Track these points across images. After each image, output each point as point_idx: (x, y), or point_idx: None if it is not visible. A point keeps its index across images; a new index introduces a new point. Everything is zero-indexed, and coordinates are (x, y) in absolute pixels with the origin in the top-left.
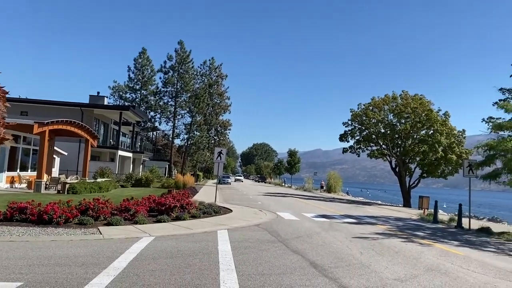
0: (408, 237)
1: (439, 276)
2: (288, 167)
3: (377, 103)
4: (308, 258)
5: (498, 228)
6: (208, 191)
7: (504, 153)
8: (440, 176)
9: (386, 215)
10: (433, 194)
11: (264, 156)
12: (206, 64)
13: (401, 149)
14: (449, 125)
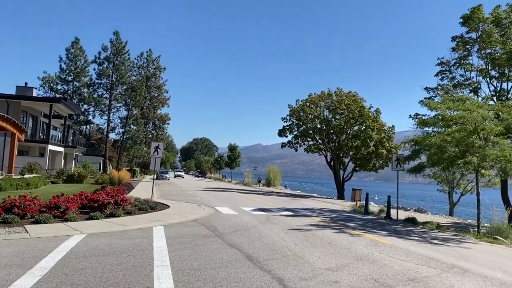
0: (340, 228)
1: (368, 265)
2: (229, 161)
3: (314, 100)
4: (244, 252)
5: (422, 218)
6: (145, 187)
7: (428, 148)
8: (371, 170)
9: (321, 207)
10: (365, 186)
11: (205, 151)
12: (144, 56)
13: (336, 144)
14: (380, 121)
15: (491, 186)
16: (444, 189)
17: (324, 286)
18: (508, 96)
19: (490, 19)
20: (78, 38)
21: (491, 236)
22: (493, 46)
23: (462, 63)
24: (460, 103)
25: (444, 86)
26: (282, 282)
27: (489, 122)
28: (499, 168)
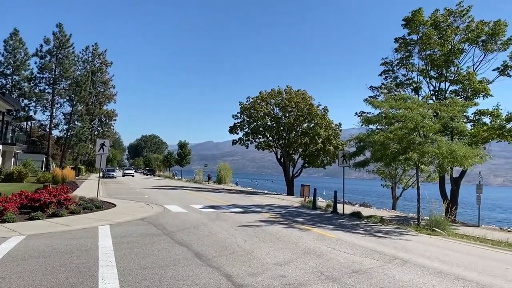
0: (289, 224)
1: (315, 258)
2: (179, 159)
3: (264, 97)
4: (193, 249)
5: (367, 212)
6: (91, 186)
7: (372, 145)
8: (320, 166)
9: (271, 203)
10: (314, 182)
11: (154, 148)
12: (89, 50)
13: (286, 141)
14: (328, 119)
15: (431, 181)
16: (387, 184)
17: (272, 280)
18: (446, 96)
19: (429, 22)
20: (17, 29)
21: (430, 228)
22: (432, 48)
23: (404, 64)
24: (401, 102)
25: (387, 85)
26: (231, 278)
27: (428, 120)
28: (437, 164)
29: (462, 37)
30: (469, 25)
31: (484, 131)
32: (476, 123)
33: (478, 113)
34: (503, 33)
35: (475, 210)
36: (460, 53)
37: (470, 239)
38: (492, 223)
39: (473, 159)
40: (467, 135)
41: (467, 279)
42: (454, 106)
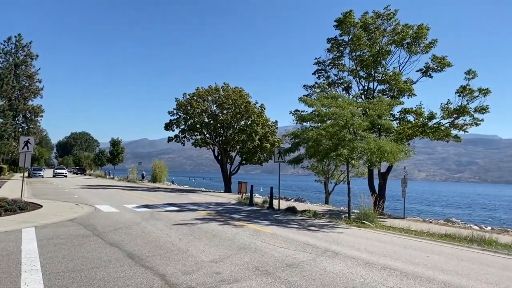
0: (225, 220)
1: (250, 254)
2: (111, 157)
3: (201, 94)
4: (125, 250)
5: (302, 207)
6: (14, 186)
7: (306, 141)
8: (257, 163)
9: (208, 201)
10: (251, 179)
11: (84, 146)
12: (12, 41)
13: (223, 138)
14: (265, 117)
15: (361, 176)
16: (321, 179)
17: (207, 278)
18: (374, 95)
19: (359, 24)
20: None
21: (360, 221)
22: (362, 49)
23: (336, 63)
24: (333, 100)
25: (320, 84)
26: (164, 277)
27: (357, 118)
28: (366, 159)
29: (389, 39)
30: (396, 28)
31: (409, 128)
32: (401, 121)
33: (403, 112)
34: (426, 37)
35: (402, 203)
36: (387, 55)
37: (396, 230)
38: (416, 215)
39: (399, 155)
40: (394, 132)
41: (392, 268)
42: (381, 105)
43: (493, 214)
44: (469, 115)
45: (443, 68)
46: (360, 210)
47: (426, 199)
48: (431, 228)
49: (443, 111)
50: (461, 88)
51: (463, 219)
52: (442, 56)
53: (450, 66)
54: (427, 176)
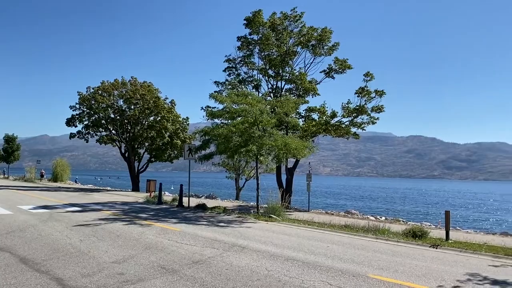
0: (131, 220)
1: (156, 253)
2: (4, 155)
3: (107, 88)
4: (18, 254)
5: (212, 204)
6: None
7: (217, 138)
8: (167, 160)
9: (113, 200)
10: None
11: None
12: None
13: (131, 134)
14: (175, 113)
15: (270, 172)
16: (232, 176)
17: (109, 279)
18: (282, 93)
19: (268, 24)
20: None
21: (267, 215)
22: (271, 49)
23: (246, 62)
24: (243, 97)
25: (231, 81)
26: (62, 281)
27: (266, 115)
28: (274, 155)
29: (296, 40)
30: (302, 29)
31: (313, 126)
32: (306, 118)
33: (308, 110)
34: (329, 40)
35: (307, 197)
36: (294, 55)
37: (301, 223)
38: (320, 208)
39: (304, 151)
40: (300, 130)
41: (295, 259)
42: (288, 103)
43: (390, 206)
44: (366, 114)
45: (344, 70)
46: (268, 205)
47: (331, 192)
48: (332, 219)
49: (344, 110)
50: (360, 89)
51: (362, 211)
52: (344, 59)
53: (350, 68)
54: (331, 171)
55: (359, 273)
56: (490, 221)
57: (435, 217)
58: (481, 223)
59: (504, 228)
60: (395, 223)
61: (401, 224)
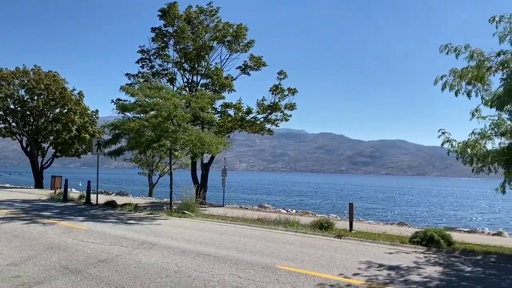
0: (32, 219)
1: (59, 253)
2: None
3: (6, 76)
4: None
5: (122, 201)
6: None
7: (128, 132)
8: (74, 155)
9: (12, 198)
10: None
11: None
12: None
13: (33, 127)
14: (83, 105)
15: (185, 167)
16: (145, 171)
17: (2, 283)
18: (198, 88)
19: (183, 17)
20: None
21: (181, 211)
22: (186, 42)
23: (160, 54)
24: (156, 91)
25: (144, 74)
26: None
27: (180, 110)
28: (188, 150)
29: (212, 35)
30: (217, 24)
31: (229, 121)
32: (222, 114)
33: (224, 106)
34: (244, 37)
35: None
36: (210, 50)
37: (214, 218)
38: (235, 202)
39: (219, 146)
40: (215, 125)
41: (206, 254)
42: (203, 98)
43: (301, 199)
44: (280, 111)
45: (259, 67)
46: (182, 201)
47: (247, 187)
48: (246, 214)
49: (259, 107)
50: (274, 87)
51: (275, 204)
52: (259, 56)
53: (265, 66)
54: (247, 167)
55: (268, 265)
56: (390, 213)
57: (342, 210)
58: (384, 214)
59: (402, 219)
60: (304, 216)
61: (310, 217)
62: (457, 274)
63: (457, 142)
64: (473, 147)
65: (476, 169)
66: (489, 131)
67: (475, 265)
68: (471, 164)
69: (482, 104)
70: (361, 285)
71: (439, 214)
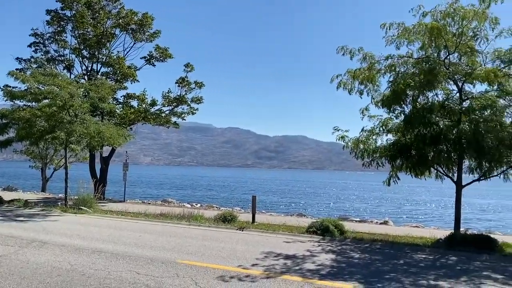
0: None
1: None
2: None
3: None
4: None
5: (10, 196)
6: None
7: (17, 122)
8: None
9: None
10: None
11: None
12: None
13: None
14: None
15: (83, 161)
16: (37, 165)
17: None
18: (97, 77)
19: (83, 1)
20: None
21: (77, 207)
22: (86, 28)
23: (56, 39)
24: (50, 78)
25: (37, 59)
26: None
27: (78, 99)
28: (86, 143)
29: (114, 22)
30: (121, 11)
31: (132, 113)
32: (125, 105)
33: (127, 97)
34: (150, 26)
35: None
36: (112, 38)
37: (114, 214)
38: (138, 197)
39: (119, 139)
40: (117, 116)
41: (103, 251)
42: (103, 87)
43: (208, 193)
44: (186, 104)
45: (165, 58)
46: (79, 196)
47: (152, 182)
48: (148, 209)
49: (164, 99)
50: (180, 79)
51: (181, 199)
52: (165, 47)
53: (172, 57)
54: (152, 161)
55: (168, 260)
56: (292, 205)
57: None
58: (286, 206)
59: (302, 210)
60: (209, 210)
61: (215, 210)
62: (347, 260)
63: (350, 138)
64: (364, 143)
65: (366, 163)
66: (378, 128)
67: (363, 252)
68: (362, 158)
69: (372, 104)
70: (259, 275)
71: (336, 206)
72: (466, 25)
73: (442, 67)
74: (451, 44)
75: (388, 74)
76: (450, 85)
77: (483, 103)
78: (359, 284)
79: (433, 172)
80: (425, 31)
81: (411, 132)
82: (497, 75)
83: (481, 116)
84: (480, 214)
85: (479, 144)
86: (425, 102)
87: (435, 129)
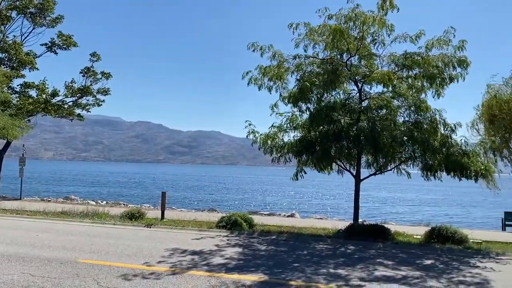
0: None
1: None
2: None
3: None
4: None
5: None
6: None
7: None
8: None
9: None
10: None
11: None
12: None
13: None
14: None
15: None
16: None
17: None
18: None
19: None
20: None
21: None
22: None
23: None
24: None
25: None
26: None
27: None
28: None
29: (10, 4)
30: None
31: (30, 104)
32: (22, 95)
33: (25, 86)
34: (52, 11)
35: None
36: (8, 21)
37: (7, 212)
38: (38, 195)
39: (14, 131)
40: (13, 107)
41: None
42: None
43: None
44: (92, 95)
45: (69, 46)
46: None
47: (55, 178)
48: (48, 206)
49: (67, 90)
50: (86, 69)
51: (85, 196)
52: (69, 35)
53: (76, 46)
54: (54, 155)
55: (68, 260)
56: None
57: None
58: (198, 202)
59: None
60: (116, 207)
61: (122, 207)
62: (254, 253)
63: (260, 134)
64: (273, 139)
65: (275, 159)
66: (286, 125)
67: (269, 244)
68: (271, 154)
69: (280, 100)
70: (165, 272)
71: (247, 200)
72: (366, 29)
73: (344, 68)
74: (352, 47)
75: (296, 72)
76: (351, 86)
77: (379, 103)
78: (264, 275)
79: (335, 167)
80: (329, 32)
81: (316, 128)
82: (391, 78)
83: (377, 115)
84: (380, 206)
85: (376, 141)
86: (328, 100)
87: (337, 126)
